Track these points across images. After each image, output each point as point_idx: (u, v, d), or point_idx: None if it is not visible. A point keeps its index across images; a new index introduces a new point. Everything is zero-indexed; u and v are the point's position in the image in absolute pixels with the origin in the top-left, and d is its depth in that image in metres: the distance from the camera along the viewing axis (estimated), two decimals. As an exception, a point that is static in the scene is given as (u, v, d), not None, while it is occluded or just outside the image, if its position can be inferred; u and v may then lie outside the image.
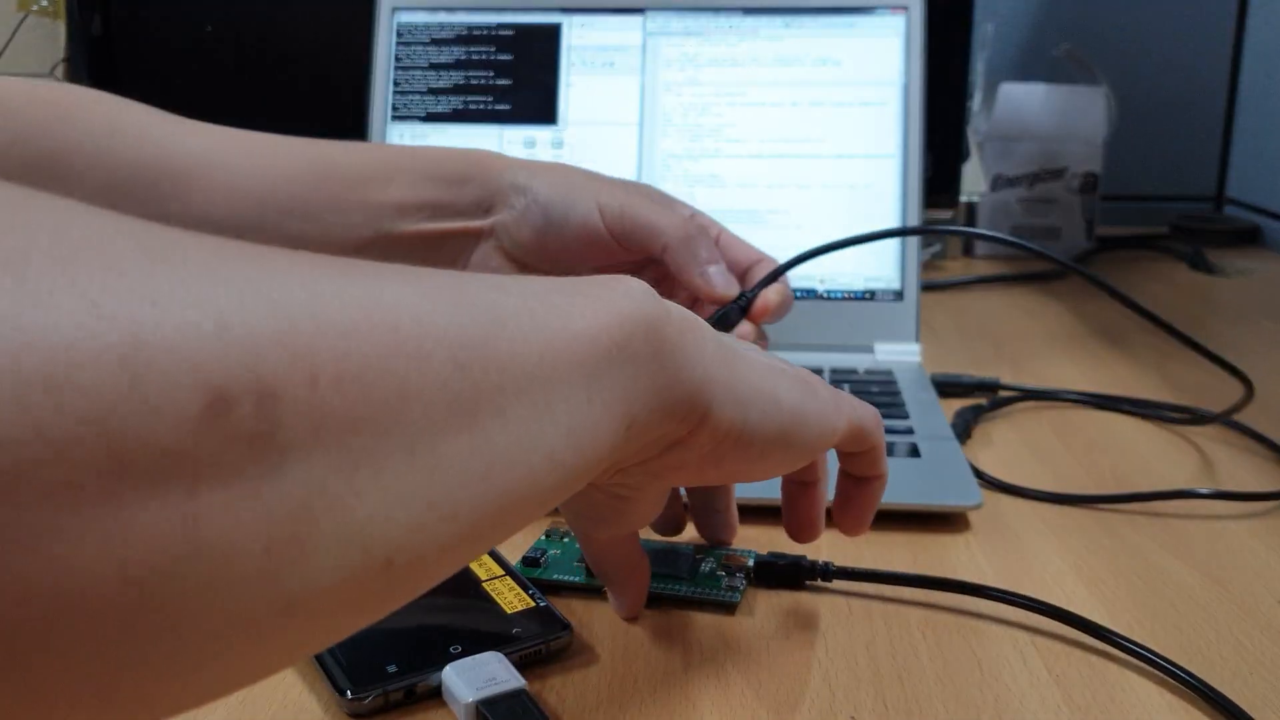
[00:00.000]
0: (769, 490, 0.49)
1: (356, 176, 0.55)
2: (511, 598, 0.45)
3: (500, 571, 0.47)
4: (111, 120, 0.53)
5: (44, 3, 1.01)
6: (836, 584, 0.49)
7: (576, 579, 0.48)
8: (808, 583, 0.49)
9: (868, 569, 0.49)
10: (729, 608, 0.47)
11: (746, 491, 0.53)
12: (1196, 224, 1.25)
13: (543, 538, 0.52)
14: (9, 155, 0.51)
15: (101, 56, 0.91)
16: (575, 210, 0.55)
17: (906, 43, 0.78)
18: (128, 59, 0.91)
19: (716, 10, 0.79)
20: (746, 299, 0.58)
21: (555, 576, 0.48)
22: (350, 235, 0.55)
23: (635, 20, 0.80)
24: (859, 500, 0.45)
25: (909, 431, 0.63)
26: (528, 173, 0.56)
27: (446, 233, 0.56)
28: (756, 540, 0.52)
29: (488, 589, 0.46)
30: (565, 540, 0.51)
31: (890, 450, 0.60)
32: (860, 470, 0.44)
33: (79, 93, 0.54)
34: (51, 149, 0.51)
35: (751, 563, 0.49)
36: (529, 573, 0.48)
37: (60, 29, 1.01)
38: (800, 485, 0.45)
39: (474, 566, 0.48)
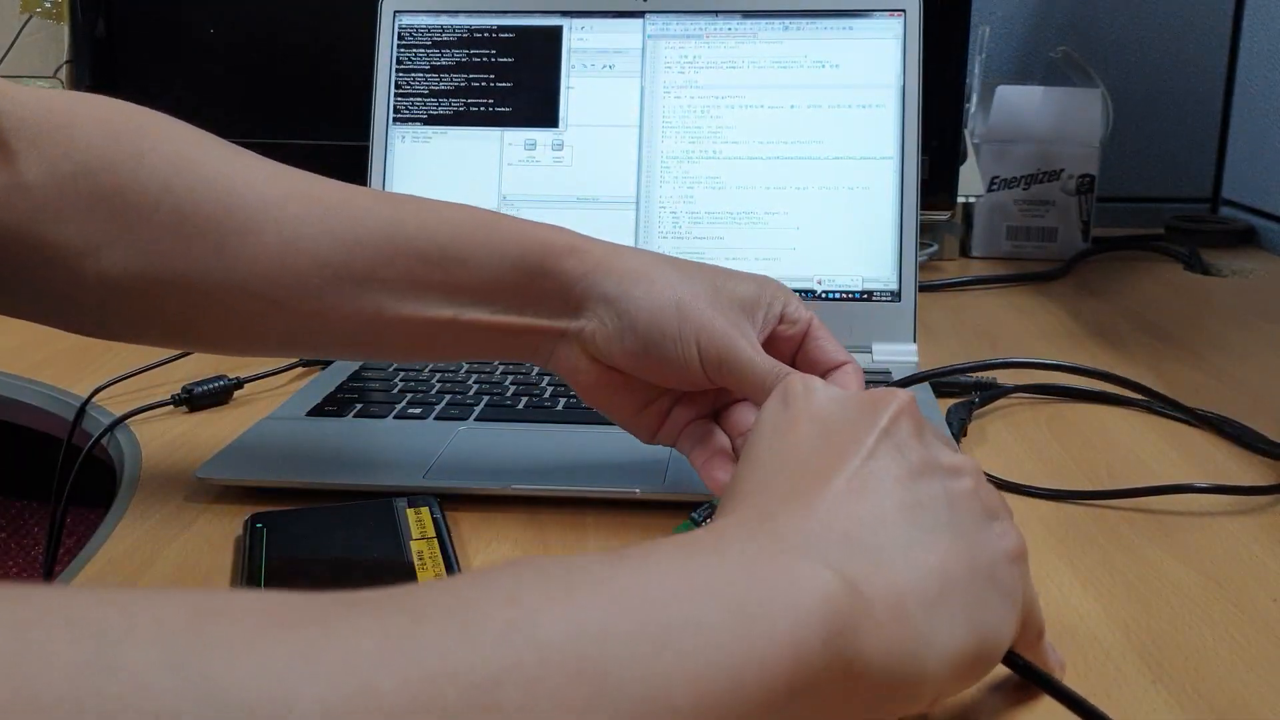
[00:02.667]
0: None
1: (434, 252, 0.51)
2: None
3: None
4: (177, 162, 0.51)
5: (48, 4, 1.01)
6: None
7: None
8: None
9: None
10: None
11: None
12: (1192, 225, 1.25)
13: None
14: (76, 185, 0.49)
15: (104, 58, 0.92)
16: (673, 350, 0.50)
17: (903, 45, 0.78)
18: (130, 61, 0.91)
19: (716, 14, 0.80)
20: None
21: None
22: (425, 314, 0.52)
23: (635, 23, 0.80)
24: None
25: (907, 431, 0.63)
26: (617, 282, 0.51)
27: (526, 328, 0.52)
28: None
29: None
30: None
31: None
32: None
33: (152, 126, 0.52)
34: (118, 185, 0.50)
35: None
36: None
37: (64, 31, 1.01)
38: None
39: (420, 571, 0.48)
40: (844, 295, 0.77)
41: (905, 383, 0.53)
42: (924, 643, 0.32)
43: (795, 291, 0.78)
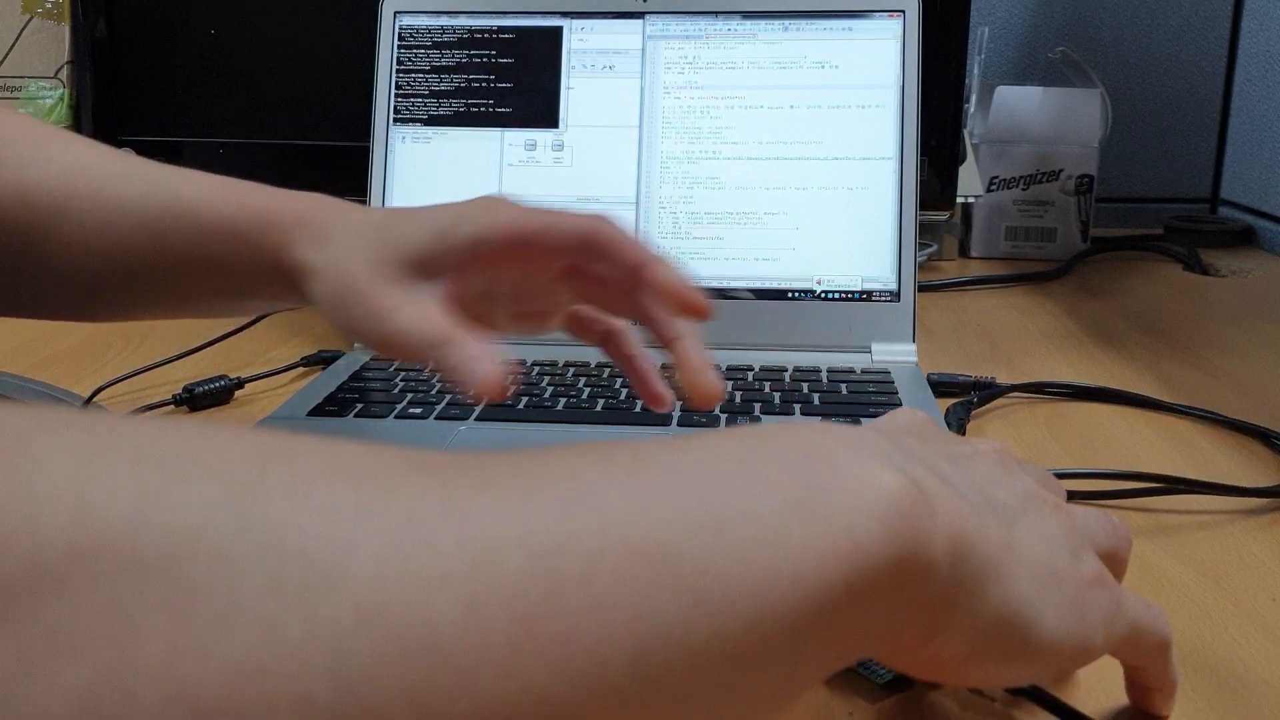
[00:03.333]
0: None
1: (183, 256, 0.53)
2: None
3: None
4: None
5: (48, 5, 1.01)
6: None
7: None
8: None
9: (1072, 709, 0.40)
10: (875, 680, 0.41)
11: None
12: (1191, 225, 1.25)
13: None
14: None
15: (106, 59, 0.92)
16: (360, 329, 0.49)
17: (903, 46, 0.78)
18: (132, 62, 0.91)
19: (715, 14, 0.80)
20: None
21: None
22: (204, 304, 0.55)
23: (635, 24, 0.81)
24: (1140, 702, 0.39)
25: (907, 431, 0.63)
26: (302, 256, 0.51)
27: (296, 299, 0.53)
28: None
29: None
30: None
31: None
32: (1138, 678, 0.39)
33: None
34: None
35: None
36: None
37: (64, 31, 1.01)
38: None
39: None
40: (843, 295, 0.77)
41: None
42: (991, 563, 0.30)
43: (794, 293, 0.78)
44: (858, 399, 0.68)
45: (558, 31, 0.81)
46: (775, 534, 0.26)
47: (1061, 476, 0.61)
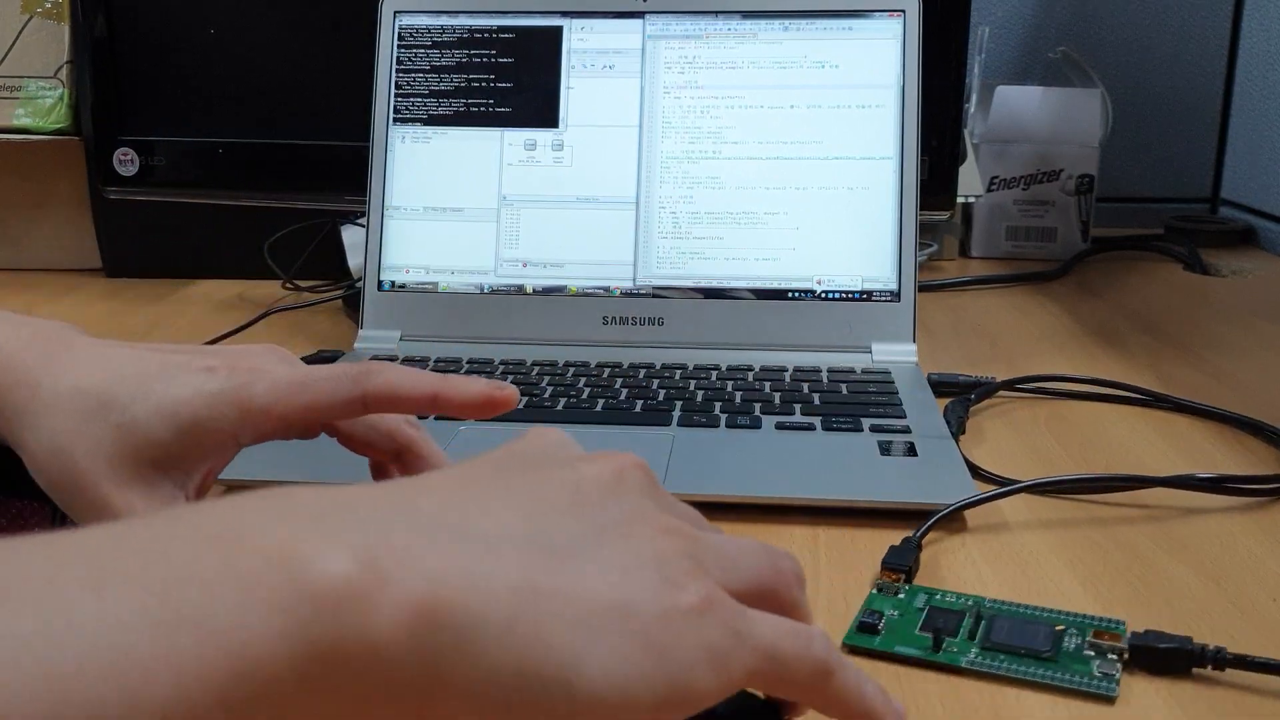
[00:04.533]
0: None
1: None
2: None
3: None
4: None
5: (48, 4, 1.01)
6: (1230, 674, 0.42)
7: (917, 651, 0.43)
8: (1195, 670, 0.42)
9: (1273, 660, 0.41)
10: (1106, 700, 0.40)
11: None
12: (1192, 225, 1.25)
13: (874, 593, 0.47)
14: None
15: (104, 58, 0.92)
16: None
17: (903, 46, 0.78)
18: (132, 61, 0.91)
19: (716, 14, 0.80)
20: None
21: (896, 648, 0.43)
22: None
23: (635, 24, 0.81)
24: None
25: (906, 430, 0.63)
26: (20, 428, 0.43)
27: None
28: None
29: None
30: (900, 596, 0.47)
31: (888, 449, 0.61)
32: (828, 714, 0.33)
33: None
34: None
35: (1126, 643, 0.42)
36: (865, 642, 0.44)
37: (64, 31, 1.01)
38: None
39: None
40: (843, 295, 0.77)
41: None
42: (494, 618, 0.26)
43: (794, 293, 0.78)
44: (858, 399, 0.68)
45: (558, 31, 0.81)
46: (118, 654, 0.21)
47: (1062, 484, 0.61)
